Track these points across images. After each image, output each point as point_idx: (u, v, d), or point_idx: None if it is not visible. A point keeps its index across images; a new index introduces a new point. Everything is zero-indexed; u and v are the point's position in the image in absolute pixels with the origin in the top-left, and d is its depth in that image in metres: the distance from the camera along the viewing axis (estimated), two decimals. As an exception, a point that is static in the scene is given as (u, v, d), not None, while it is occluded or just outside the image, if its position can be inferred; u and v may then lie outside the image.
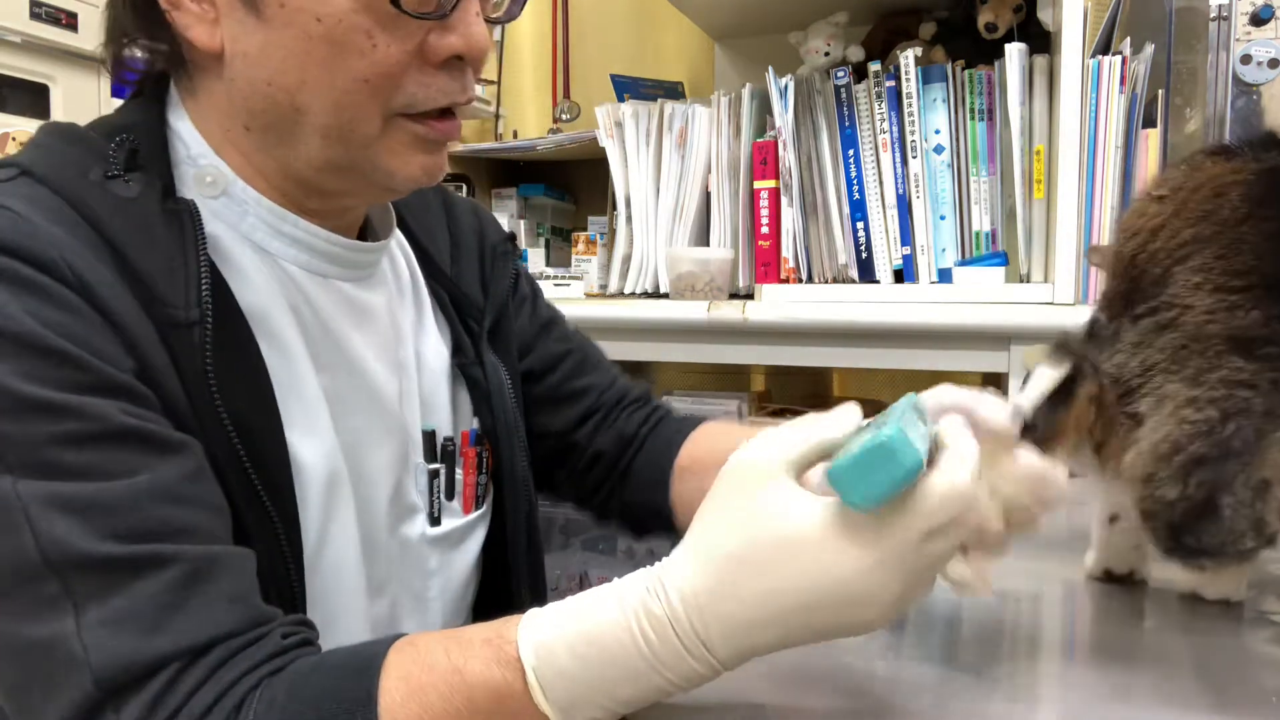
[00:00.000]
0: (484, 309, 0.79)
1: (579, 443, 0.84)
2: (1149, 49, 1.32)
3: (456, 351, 0.77)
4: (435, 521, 0.73)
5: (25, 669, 0.47)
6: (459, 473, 0.75)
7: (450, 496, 0.74)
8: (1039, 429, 0.58)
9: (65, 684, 0.45)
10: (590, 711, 0.45)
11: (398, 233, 0.75)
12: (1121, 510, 0.71)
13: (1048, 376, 0.61)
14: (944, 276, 1.48)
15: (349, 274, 0.67)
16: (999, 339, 1.37)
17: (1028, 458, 0.54)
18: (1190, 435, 0.54)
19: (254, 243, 0.62)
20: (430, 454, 0.73)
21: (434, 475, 0.73)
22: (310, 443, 0.62)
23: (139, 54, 0.63)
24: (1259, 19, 1.29)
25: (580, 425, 0.85)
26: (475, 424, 0.77)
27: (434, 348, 0.75)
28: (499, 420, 0.77)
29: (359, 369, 0.67)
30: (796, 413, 0.50)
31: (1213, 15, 1.30)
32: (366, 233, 0.72)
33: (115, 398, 0.50)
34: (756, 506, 0.45)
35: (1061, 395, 0.60)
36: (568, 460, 0.85)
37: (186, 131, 0.62)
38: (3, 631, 0.47)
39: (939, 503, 0.43)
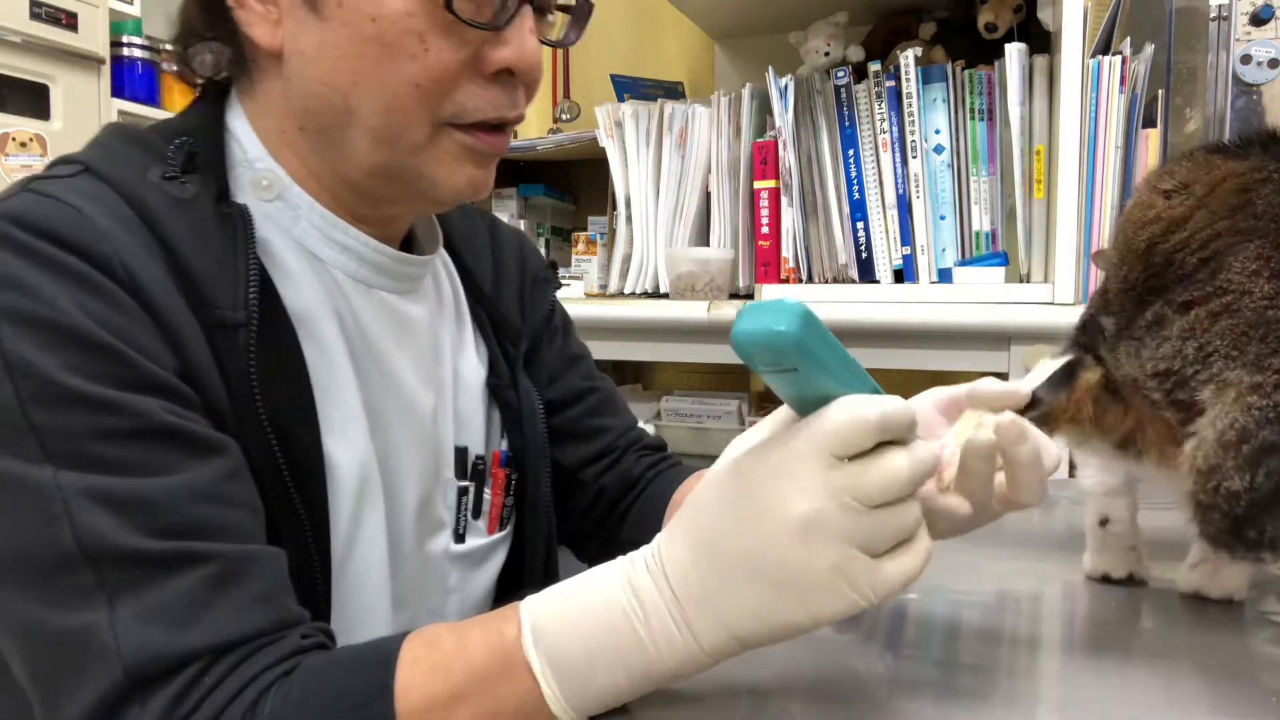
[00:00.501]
0: (521, 333, 0.80)
1: (586, 480, 0.84)
2: (1149, 49, 1.33)
3: (492, 372, 0.77)
4: (460, 538, 0.73)
5: (54, 656, 0.47)
6: (487, 492, 0.76)
7: (476, 515, 0.75)
8: (1037, 411, 0.58)
9: (94, 672, 0.46)
10: (583, 669, 0.46)
11: (443, 252, 0.76)
12: (1112, 513, 0.71)
13: (1050, 365, 0.61)
14: (944, 276, 1.48)
15: (394, 285, 0.68)
16: (999, 339, 1.37)
17: (1009, 416, 0.52)
18: (1259, 421, 0.52)
19: (305, 248, 0.63)
20: (461, 471, 0.74)
21: (463, 492, 0.73)
22: (345, 448, 0.62)
23: (206, 56, 0.64)
24: (1259, 19, 1.29)
25: (591, 463, 0.85)
26: (504, 445, 0.78)
27: (472, 366, 0.76)
28: (529, 443, 0.77)
29: (396, 380, 0.67)
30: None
31: (1213, 15, 1.30)
32: (412, 248, 0.72)
33: (157, 396, 0.51)
34: (721, 464, 0.48)
35: (1061, 380, 0.60)
36: (572, 497, 0.85)
37: (244, 135, 0.63)
38: (35, 619, 0.47)
39: (839, 421, 0.43)
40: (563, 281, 1.75)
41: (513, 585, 0.78)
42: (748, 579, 0.44)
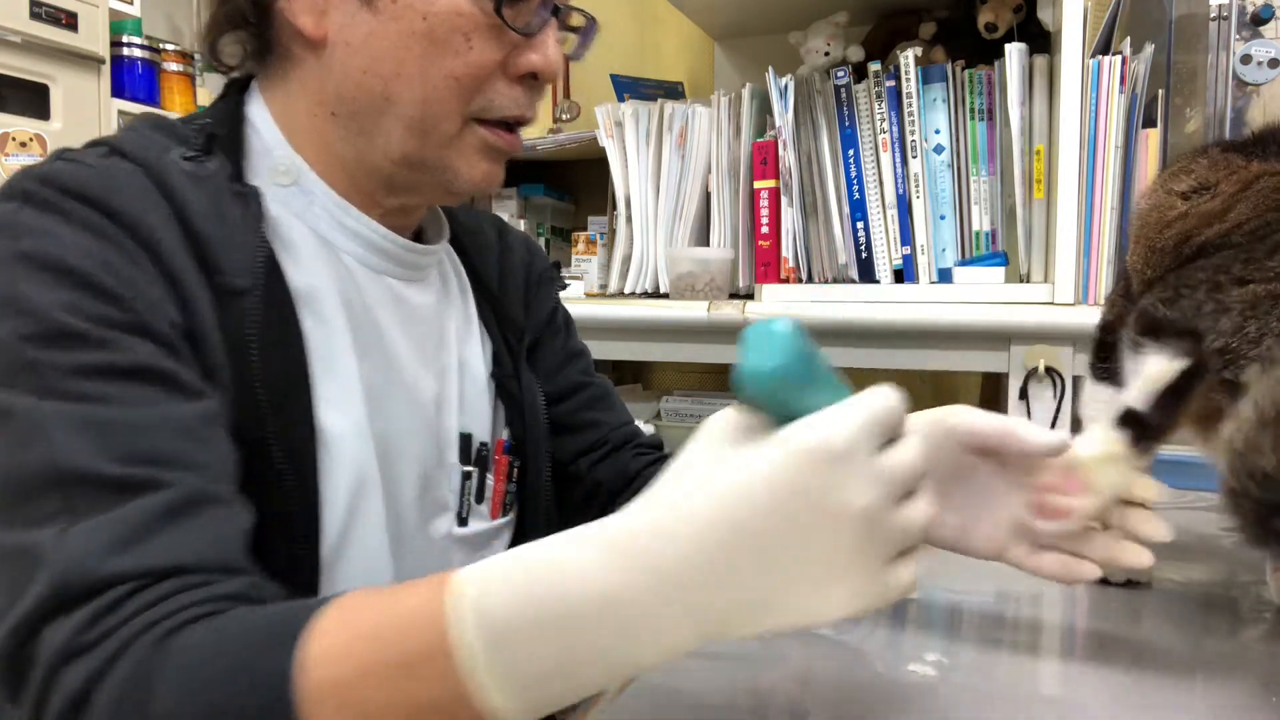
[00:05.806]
0: (524, 329, 0.83)
1: (579, 473, 0.86)
2: (1149, 49, 1.32)
3: (496, 364, 0.80)
4: (463, 522, 0.75)
5: (4, 574, 0.46)
6: (490, 478, 0.78)
7: (480, 500, 0.77)
8: (1150, 424, 0.55)
9: (30, 585, 0.45)
10: (524, 654, 0.40)
11: (449, 247, 0.79)
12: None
13: (1163, 368, 0.56)
14: (944, 276, 1.48)
15: (401, 273, 0.71)
16: (999, 339, 1.37)
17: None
18: None
19: (317, 233, 0.67)
20: (465, 456, 0.76)
21: (466, 477, 0.76)
22: (341, 420, 0.64)
23: (231, 47, 0.68)
24: (1259, 19, 1.29)
25: (583, 455, 0.87)
26: (507, 434, 0.80)
27: (477, 356, 0.79)
28: (530, 433, 0.80)
29: (398, 364, 0.70)
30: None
31: (1213, 15, 1.30)
32: (420, 240, 0.76)
33: (152, 342, 0.53)
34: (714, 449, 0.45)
35: (1175, 397, 0.56)
36: (569, 490, 0.86)
37: (263, 124, 0.67)
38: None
39: (878, 408, 0.41)
40: (565, 281, 1.75)
41: None
42: (765, 565, 0.39)
